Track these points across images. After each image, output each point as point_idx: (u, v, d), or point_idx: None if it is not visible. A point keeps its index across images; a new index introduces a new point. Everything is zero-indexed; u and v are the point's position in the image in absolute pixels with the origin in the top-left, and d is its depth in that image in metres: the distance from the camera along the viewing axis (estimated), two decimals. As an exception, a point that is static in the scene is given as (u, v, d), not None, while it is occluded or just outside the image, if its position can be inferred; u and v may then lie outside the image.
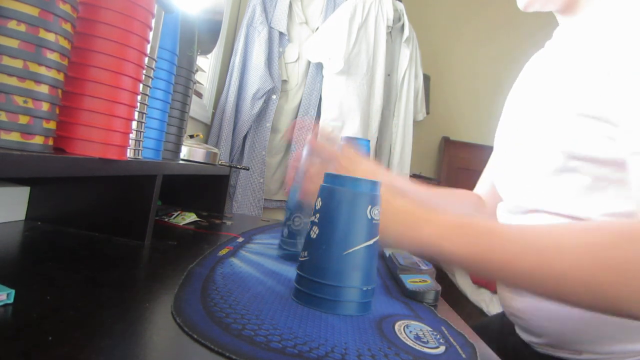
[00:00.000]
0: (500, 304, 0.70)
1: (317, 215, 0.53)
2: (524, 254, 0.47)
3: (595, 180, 0.55)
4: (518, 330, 0.69)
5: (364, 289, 0.52)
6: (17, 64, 0.41)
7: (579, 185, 0.56)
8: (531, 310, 0.62)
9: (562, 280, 0.45)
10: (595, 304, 0.45)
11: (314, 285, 0.52)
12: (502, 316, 0.78)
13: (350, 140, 0.91)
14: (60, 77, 0.46)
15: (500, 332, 0.75)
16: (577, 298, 0.46)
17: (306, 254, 0.53)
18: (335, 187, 0.53)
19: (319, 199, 0.54)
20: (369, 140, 0.93)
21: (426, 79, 2.69)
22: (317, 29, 2.05)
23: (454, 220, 0.52)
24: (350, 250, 0.51)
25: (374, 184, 0.53)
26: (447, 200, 0.84)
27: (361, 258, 0.52)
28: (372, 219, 0.52)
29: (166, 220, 0.94)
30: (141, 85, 0.61)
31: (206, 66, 1.88)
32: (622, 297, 0.42)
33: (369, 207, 0.52)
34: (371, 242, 0.52)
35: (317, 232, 0.52)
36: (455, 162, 2.98)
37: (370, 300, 0.54)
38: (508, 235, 0.50)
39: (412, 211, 0.55)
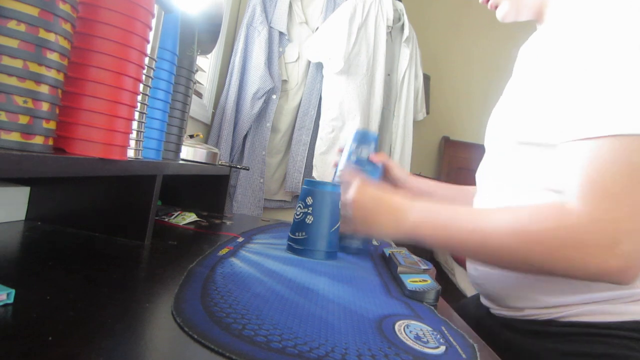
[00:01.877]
0: (467, 276, 0.81)
1: (311, 208, 0.81)
2: (471, 237, 0.61)
3: (540, 161, 0.65)
4: (481, 298, 0.80)
5: (330, 251, 0.82)
6: (17, 64, 0.41)
7: (528, 165, 0.66)
8: (484, 276, 0.74)
9: (498, 255, 0.58)
10: (529, 269, 0.58)
11: (308, 250, 0.81)
12: (476, 296, 0.89)
13: (362, 134, 0.95)
14: (60, 77, 0.46)
15: (475, 307, 0.85)
16: (516, 266, 0.59)
17: (304, 233, 0.81)
18: (318, 189, 0.82)
19: (310, 197, 0.82)
20: (378, 135, 0.98)
21: (426, 79, 2.69)
22: (317, 28, 2.05)
23: (423, 211, 0.67)
24: (334, 229, 0.82)
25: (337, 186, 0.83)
26: (458, 196, 0.98)
27: (337, 231, 0.83)
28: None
29: (166, 220, 0.94)
30: (141, 85, 0.61)
31: (206, 66, 1.88)
32: (543, 262, 0.54)
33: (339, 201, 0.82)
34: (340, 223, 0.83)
35: (312, 220, 0.81)
36: (455, 162, 2.98)
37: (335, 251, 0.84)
38: (460, 221, 0.63)
39: (392, 204, 0.70)
